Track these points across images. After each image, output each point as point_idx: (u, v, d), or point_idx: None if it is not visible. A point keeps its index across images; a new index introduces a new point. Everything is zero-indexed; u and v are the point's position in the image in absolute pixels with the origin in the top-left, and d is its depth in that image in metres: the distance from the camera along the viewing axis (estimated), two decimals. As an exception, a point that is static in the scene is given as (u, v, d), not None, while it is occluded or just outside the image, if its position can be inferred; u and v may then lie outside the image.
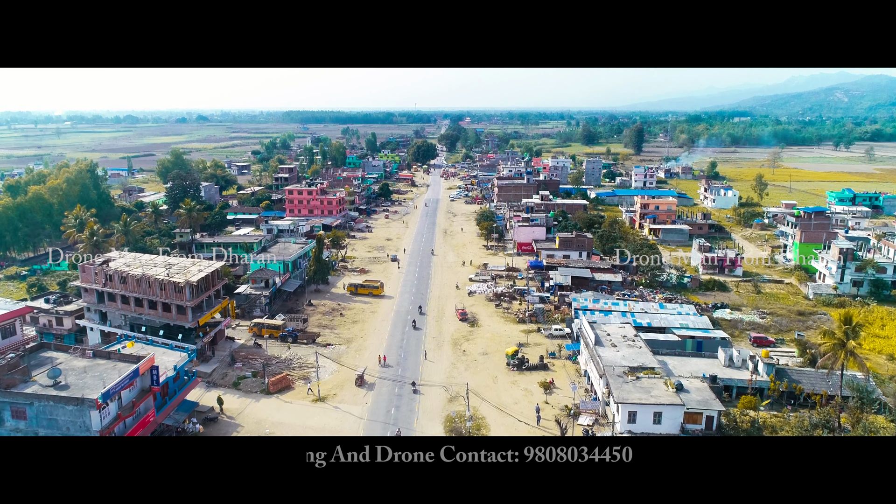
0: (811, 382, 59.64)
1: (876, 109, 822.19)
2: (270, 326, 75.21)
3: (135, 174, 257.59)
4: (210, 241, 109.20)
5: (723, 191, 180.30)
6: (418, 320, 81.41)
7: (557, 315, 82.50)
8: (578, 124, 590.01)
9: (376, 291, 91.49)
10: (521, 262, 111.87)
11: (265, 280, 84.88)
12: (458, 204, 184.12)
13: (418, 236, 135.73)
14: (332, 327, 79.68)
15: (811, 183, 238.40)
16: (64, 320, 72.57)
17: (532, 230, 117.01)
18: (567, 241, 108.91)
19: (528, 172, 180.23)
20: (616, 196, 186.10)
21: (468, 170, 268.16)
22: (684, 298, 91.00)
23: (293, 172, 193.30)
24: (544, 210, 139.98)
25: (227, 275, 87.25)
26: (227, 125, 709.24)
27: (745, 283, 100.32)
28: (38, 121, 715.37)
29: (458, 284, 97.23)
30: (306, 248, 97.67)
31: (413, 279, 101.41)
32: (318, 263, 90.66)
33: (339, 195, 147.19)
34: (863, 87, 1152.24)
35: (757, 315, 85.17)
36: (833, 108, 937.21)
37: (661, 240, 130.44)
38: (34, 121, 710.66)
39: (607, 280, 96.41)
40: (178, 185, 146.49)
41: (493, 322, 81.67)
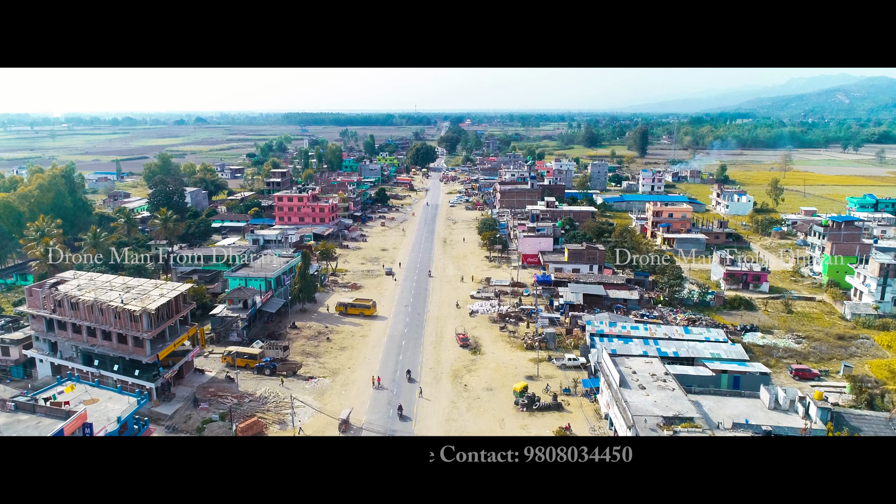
0: (873, 430, 50.79)
1: (877, 111, 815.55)
2: (246, 356, 66.36)
3: (124, 178, 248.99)
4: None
5: (736, 196, 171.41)
6: (412, 350, 72.60)
7: (570, 340, 73.65)
8: (580, 126, 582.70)
9: (368, 312, 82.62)
10: (526, 275, 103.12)
11: (243, 300, 76.04)
12: (459, 210, 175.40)
13: (416, 246, 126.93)
14: (316, 355, 70.83)
15: (825, 187, 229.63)
16: (10, 350, 63.77)
17: (538, 241, 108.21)
18: (577, 254, 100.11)
19: (531, 177, 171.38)
20: (624, 202, 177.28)
21: (469, 173, 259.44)
22: (709, 320, 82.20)
23: (286, 177, 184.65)
24: (550, 218, 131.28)
25: (200, 294, 78.43)
26: (225, 127, 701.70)
27: (773, 300, 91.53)
28: (37, 123, 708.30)
29: (458, 303, 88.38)
30: (292, 263, 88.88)
31: (409, 296, 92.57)
32: (304, 281, 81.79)
33: (331, 202, 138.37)
34: (863, 88, 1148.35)
35: (792, 339, 76.34)
36: (834, 109, 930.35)
37: (676, 250, 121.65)
38: (32, 123, 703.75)
39: (622, 298, 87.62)
40: (161, 191, 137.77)
41: (497, 348, 72.85)
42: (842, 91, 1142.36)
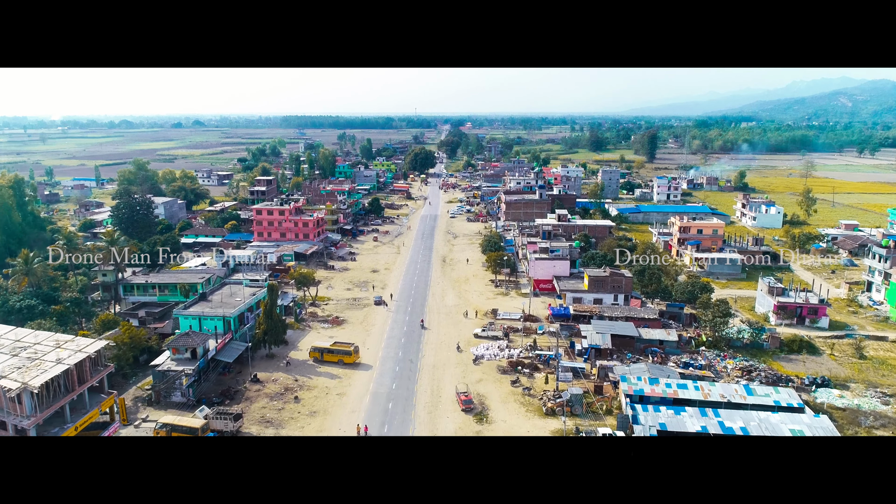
0: None
1: (882, 114, 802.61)
2: (184, 429, 51.22)
3: (104, 184, 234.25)
4: (142, 280, 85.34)
5: (764, 207, 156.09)
6: (401, 416, 57.45)
7: (601, 403, 58.35)
8: (582, 129, 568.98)
9: (348, 359, 67.37)
10: (539, 304, 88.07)
11: (191, 349, 60.82)
12: (460, 221, 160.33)
13: (411, 267, 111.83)
14: (278, 423, 55.58)
15: (850, 195, 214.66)
16: None
17: (553, 264, 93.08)
18: (599, 282, 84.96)
19: (540, 186, 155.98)
20: (641, 212, 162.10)
21: (470, 180, 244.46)
22: (767, 369, 67.03)
23: (271, 185, 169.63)
24: (563, 234, 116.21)
25: (138, 341, 63.28)
26: (223, 130, 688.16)
27: (836, 339, 76.39)
28: (34, 126, 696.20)
29: (459, 345, 73.23)
30: (260, 295, 73.82)
31: (400, 335, 77.42)
32: (270, 322, 66.53)
33: (316, 216, 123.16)
34: (865, 91, 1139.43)
35: (876, 398, 61.15)
36: (838, 113, 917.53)
37: (708, 272, 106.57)
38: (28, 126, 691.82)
39: (658, 339, 72.52)
40: (126, 203, 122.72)
41: (509, 413, 57.63)
42: (844, 94, 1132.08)
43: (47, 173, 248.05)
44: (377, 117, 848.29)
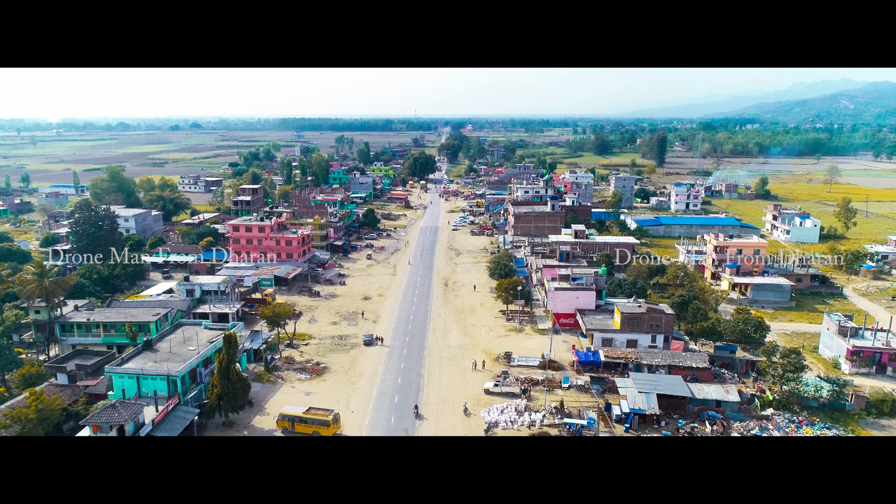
0: None
1: (885, 117, 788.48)
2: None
3: (84, 192, 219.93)
4: (84, 318, 70.80)
5: (798, 219, 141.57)
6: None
7: None
8: (584, 132, 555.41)
9: (326, 431, 52.70)
10: (560, 344, 73.81)
11: (118, 426, 46.33)
12: (463, 235, 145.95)
13: (409, 293, 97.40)
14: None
15: (882, 203, 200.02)
16: None
17: (575, 295, 78.64)
18: (634, 320, 70.52)
19: (553, 197, 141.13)
20: (662, 225, 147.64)
21: (473, 186, 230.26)
22: (861, 444, 52.63)
23: (257, 195, 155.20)
24: (582, 254, 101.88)
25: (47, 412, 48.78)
26: (220, 133, 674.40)
27: (930, 395, 62.03)
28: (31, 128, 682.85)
29: (466, 407, 58.68)
30: (217, 344, 59.35)
31: (393, 390, 62.95)
32: (226, 383, 52.05)
33: (301, 233, 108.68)
34: (867, 93, 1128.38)
35: None
36: (840, 115, 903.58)
37: (751, 300, 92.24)
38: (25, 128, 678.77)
39: (714, 398, 58.11)
40: (86, 218, 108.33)
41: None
42: (845, 96, 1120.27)
43: (23, 179, 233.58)
44: (376, 119, 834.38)
